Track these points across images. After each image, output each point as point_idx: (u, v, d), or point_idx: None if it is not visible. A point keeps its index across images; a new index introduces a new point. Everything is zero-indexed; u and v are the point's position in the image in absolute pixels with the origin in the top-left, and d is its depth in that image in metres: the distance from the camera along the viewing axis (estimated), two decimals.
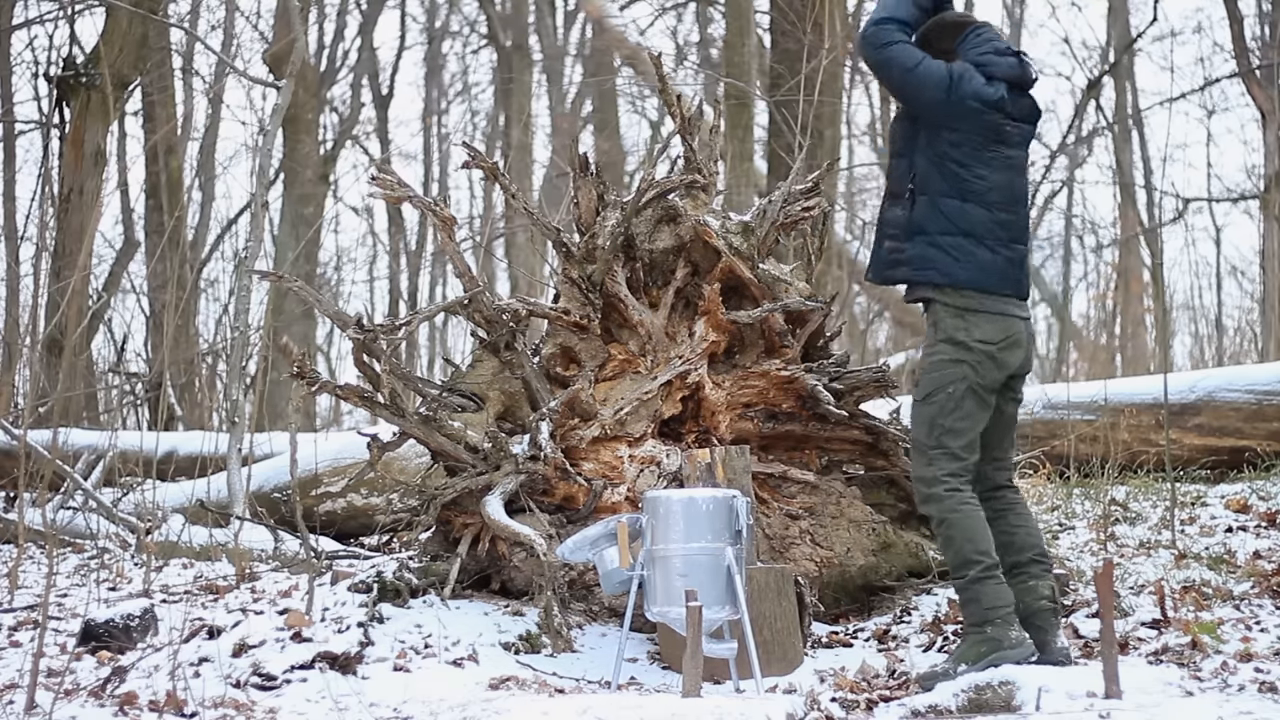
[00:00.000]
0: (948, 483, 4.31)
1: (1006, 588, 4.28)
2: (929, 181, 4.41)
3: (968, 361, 4.33)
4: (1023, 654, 4.14)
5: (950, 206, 4.38)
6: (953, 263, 4.36)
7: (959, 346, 4.35)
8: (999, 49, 4.50)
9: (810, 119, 8.68)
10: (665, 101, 5.52)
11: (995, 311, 4.38)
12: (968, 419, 4.34)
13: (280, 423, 10.83)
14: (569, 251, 5.37)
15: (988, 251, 4.38)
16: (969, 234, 4.38)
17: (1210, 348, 14.36)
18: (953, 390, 4.33)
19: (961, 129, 4.38)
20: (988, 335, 4.36)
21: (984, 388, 4.36)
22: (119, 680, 4.35)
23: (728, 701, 3.83)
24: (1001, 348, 4.37)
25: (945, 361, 4.36)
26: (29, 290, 11.01)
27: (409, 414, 5.12)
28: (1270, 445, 6.78)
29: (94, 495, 7.39)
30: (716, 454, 4.85)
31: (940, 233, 4.38)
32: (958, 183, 4.39)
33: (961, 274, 4.36)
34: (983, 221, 4.39)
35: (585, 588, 5.13)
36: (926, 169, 4.41)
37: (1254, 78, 15.08)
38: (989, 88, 4.39)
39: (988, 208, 4.40)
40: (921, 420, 4.39)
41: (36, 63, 13.76)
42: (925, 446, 4.37)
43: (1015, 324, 4.41)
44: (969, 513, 4.30)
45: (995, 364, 4.37)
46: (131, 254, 14.35)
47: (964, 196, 4.39)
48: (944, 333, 4.38)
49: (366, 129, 21.30)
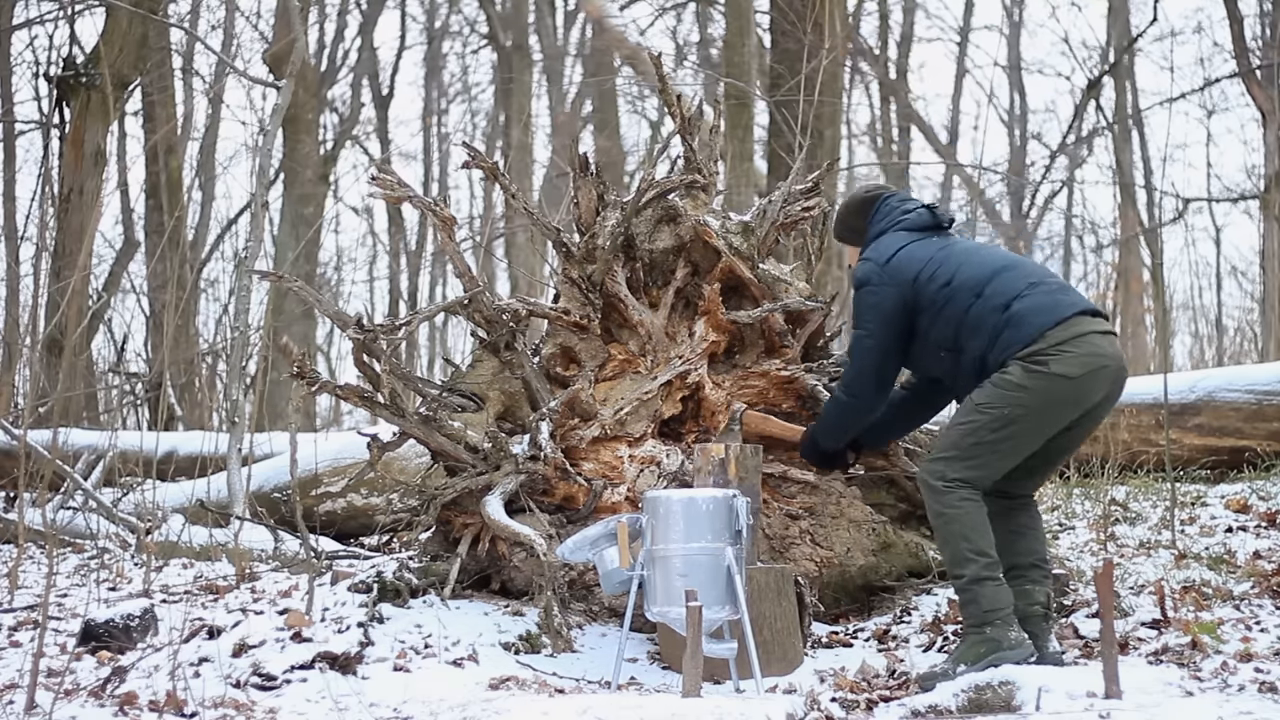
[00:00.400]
0: (954, 481, 4.29)
1: (1006, 589, 4.28)
2: (945, 340, 4.43)
3: (1036, 391, 4.24)
4: (1022, 654, 4.14)
5: (972, 319, 4.36)
6: (1015, 331, 4.30)
7: (1033, 375, 4.25)
8: (905, 209, 4.70)
9: (810, 119, 8.68)
10: (665, 101, 5.52)
11: (1074, 337, 4.28)
12: (1007, 442, 4.28)
13: (280, 423, 10.83)
14: (569, 251, 5.37)
15: (1027, 298, 4.33)
16: (1006, 306, 4.33)
17: (1210, 348, 14.36)
18: (1008, 413, 4.25)
19: (916, 309, 4.47)
20: (1068, 369, 4.25)
21: (1044, 425, 4.28)
22: (119, 680, 4.35)
23: (728, 701, 3.83)
24: (1081, 382, 4.27)
25: (1015, 384, 4.26)
26: (29, 290, 11.02)
27: (409, 414, 5.12)
28: (1270, 445, 6.78)
29: (94, 495, 7.39)
30: (731, 451, 4.85)
31: (992, 334, 4.33)
32: (954, 310, 4.40)
33: (1026, 331, 4.29)
34: (999, 291, 4.37)
35: (585, 588, 5.13)
36: (936, 342, 4.46)
37: (1254, 78, 15.08)
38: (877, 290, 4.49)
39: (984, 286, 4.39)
40: (966, 421, 4.32)
41: (36, 63, 13.78)
42: (953, 445, 4.32)
43: (1101, 355, 4.31)
44: (970, 510, 4.27)
45: (1071, 399, 4.28)
46: (131, 254, 14.35)
47: (971, 300, 4.38)
48: (1023, 360, 4.27)
49: (366, 129, 21.33)
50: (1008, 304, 4.33)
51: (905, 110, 20.62)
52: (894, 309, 4.47)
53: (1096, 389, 4.32)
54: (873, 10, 20.08)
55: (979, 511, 4.28)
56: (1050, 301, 4.34)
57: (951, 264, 4.47)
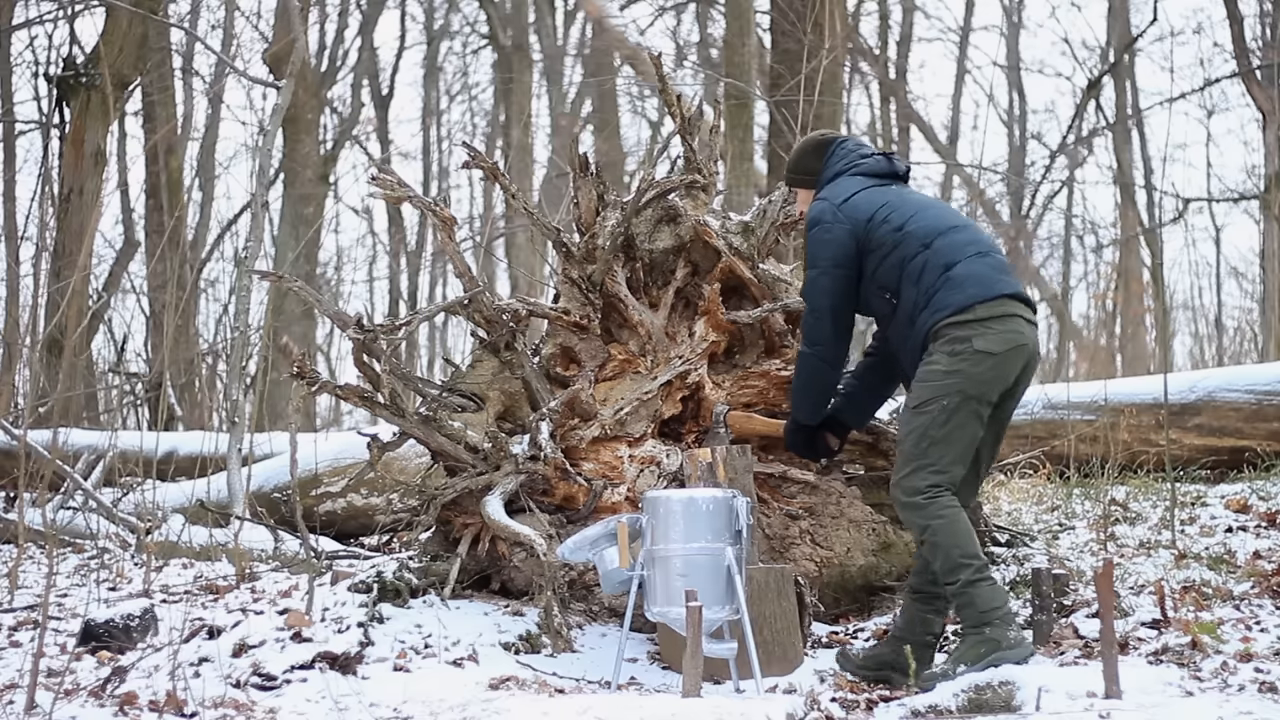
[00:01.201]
0: (928, 492, 4.30)
1: (1000, 588, 4.30)
2: (888, 282, 4.48)
3: (964, 372, 4.30)
4: (1022, 653, 4.14)
5: (913, 267, 4.41)
6: (949, 293, 4.35)
7: (957, 356, 4.31)
8: (863, 153, 4.73)
9: (810, 119, 8.68)
10: (665, 101, 5.52)
11: (1000, 315, 4.34)
12: (959, 430, 4.31)
13: (280, 423, 10.82)
14: (569, 251, 5.37)
15: (970, 264, 4.39)
16: (949, 266, 4.39)
17: (1210, 348, 14.37)
18: (946, 403, 4.30)
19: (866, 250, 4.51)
20: (990, 346, 4.31)
21: (979, 400, 4.32)
22: (119, 680, 4.35)
23: (728, 701, 3.83)
24: (1002, 359, 4.34)
25: (941, 371, 4.32)
26: (29, 290, 11.01)
27: (409, 414, 5.12)
28: (1270, 445, 6.78)
29: (94, 495, 7.39)
30: (718, 453, 4.84)
31: (928, 289, 4.38)
32: (899, 256, 4.45)
33: (958, 297, 4.34)
34: (946, 248, 4.42)
35: (585, 588, 5.13)
36: (880, 284, 4.50)
37: (1254, 78, 15.09)
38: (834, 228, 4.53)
39: (933, 239, 4.43)
40: (911, 429, 4.35)
41: (36, 63, 13.79)
42: (911, 456, 4.34)
43: (1020, 333, 4.38)
44: (953, 517, 4.28)
45: (995, 375, 4.33)
46: (131, 254, 14.36)
47: (918, 249, 4.43)
48: (947, 338, 4.34)
49: (366, 129, 21.32)
50: (950, 264, 4.39)
51: (905, 110, 20.62)
52: (848, 248, 4.51)
53: (1014, 367, 4.38)
54: (873, 10, 20.10)
55: (961, 516, 4.31)
56: (990, 275, 4.40)
57: (906, 210, 4.53)
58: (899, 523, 5.42)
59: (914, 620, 4.47)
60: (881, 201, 4.56)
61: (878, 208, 4.53)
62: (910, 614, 4.50)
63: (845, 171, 4.69)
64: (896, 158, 4.79)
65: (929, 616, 4.48)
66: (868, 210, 4.53)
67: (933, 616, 4.47)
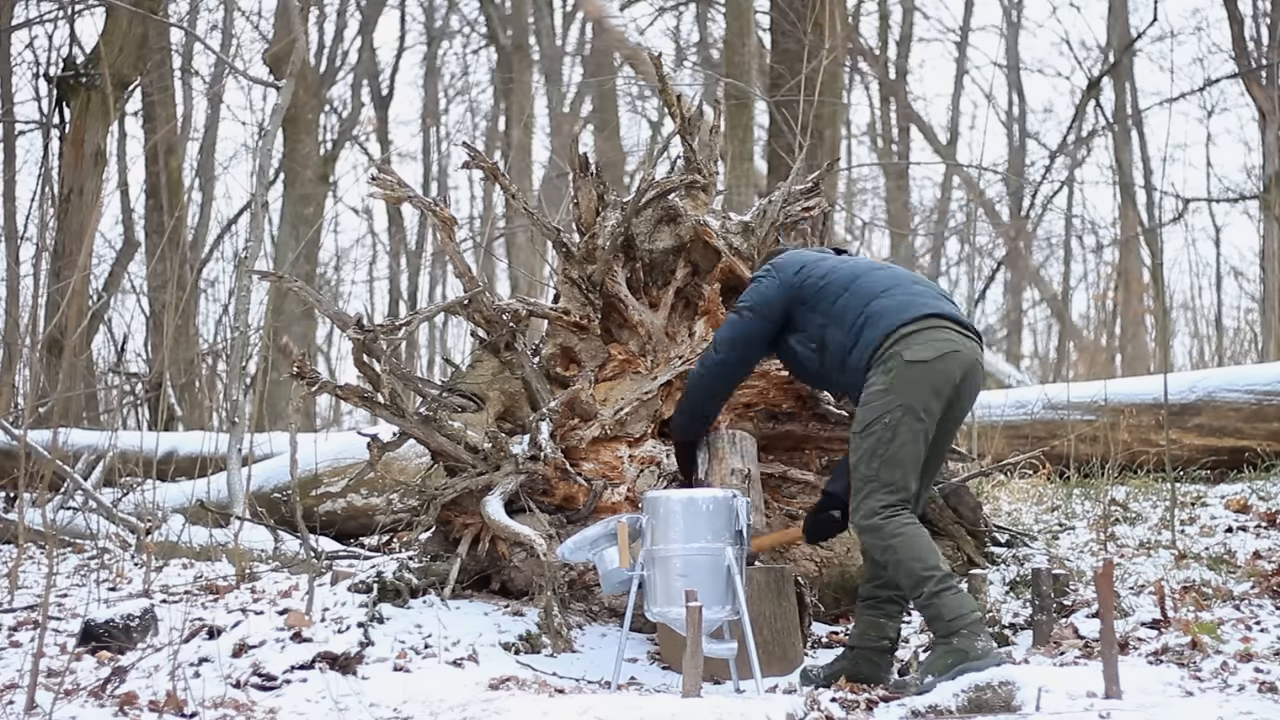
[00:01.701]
0: (883, 512, 4.33)
1: (967, 595, 4.32)
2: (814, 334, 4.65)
3: (899, 387, 4.36)
4: (989, 663, 4.13)
5: (837, 310, 4.59)
6: (872, 329, 4.48)
7: (890, 373, 4.38)
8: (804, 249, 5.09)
9: (810, 119, 8.67)
10: (665, 101, 5.52)
11: (924, 329, 4.44)
12: (904, 448, 4.35)
13: (280, 423, 10.83)
14: (569, 251, 5.36)
15: (888, 297, 4.52)
16: (866, 303, 4.53)
17: (1210, 348, 14.37)
18: (888, 420, 4.35)
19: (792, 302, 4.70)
20: (919, 355, 4.39)
21: (920, 410, 4.37)
22: (119, 680, 4.35)
23: (728, 701, 3.83)
24: (936, 365, 4.39)
25: (879, 391, 4.39)
26: (29, 290, 11.01)
27: (409, 414, 5.12)
28: (1270, 445, 6.78)
29: (94, 495, 7.39)
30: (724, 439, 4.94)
31: (853, 329, 4.52)
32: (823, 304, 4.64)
33: (881, 327, 4.46)
34: (865, 287, 4.59)
35: (585, 588, 5.13)
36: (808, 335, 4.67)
37: (1254, 78, 15.09)
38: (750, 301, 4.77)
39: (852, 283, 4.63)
40: (861, 454, 4.40)
41: (36, 63, 13.78)
42: (865, 479, 4.38)
43: (951, 341, 4.45)
44: (911, 533, 4.32)
45: (930, 384, 4.38)
46: (131, 254, 14.35)
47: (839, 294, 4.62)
48: (879, 362, 4.43)
49: (366, 129, 21.32)
50: (868, 301, 4.54)
51: (905, 110, 20.62)
52: (775, 297, 4.73)
53: (951, 373, 4.42)
54: (873, 10, 20.10)
55: (919, 530, 4.34)
56: (907, 301, 4.51)
57: (831, 264, 4.75)
58: None
59: (867, 627, 4.52)
60: (813, 259, 4.81)
61: (805, 263, 4.78)
62: (863, 622, 4.54)
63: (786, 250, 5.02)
64: (840, 250, 5.03)
65: (881, 621, 4.52)
66: (798, 264, 4.77)
67: (885, 621, 4.52)
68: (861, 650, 4.49)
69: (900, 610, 4.55)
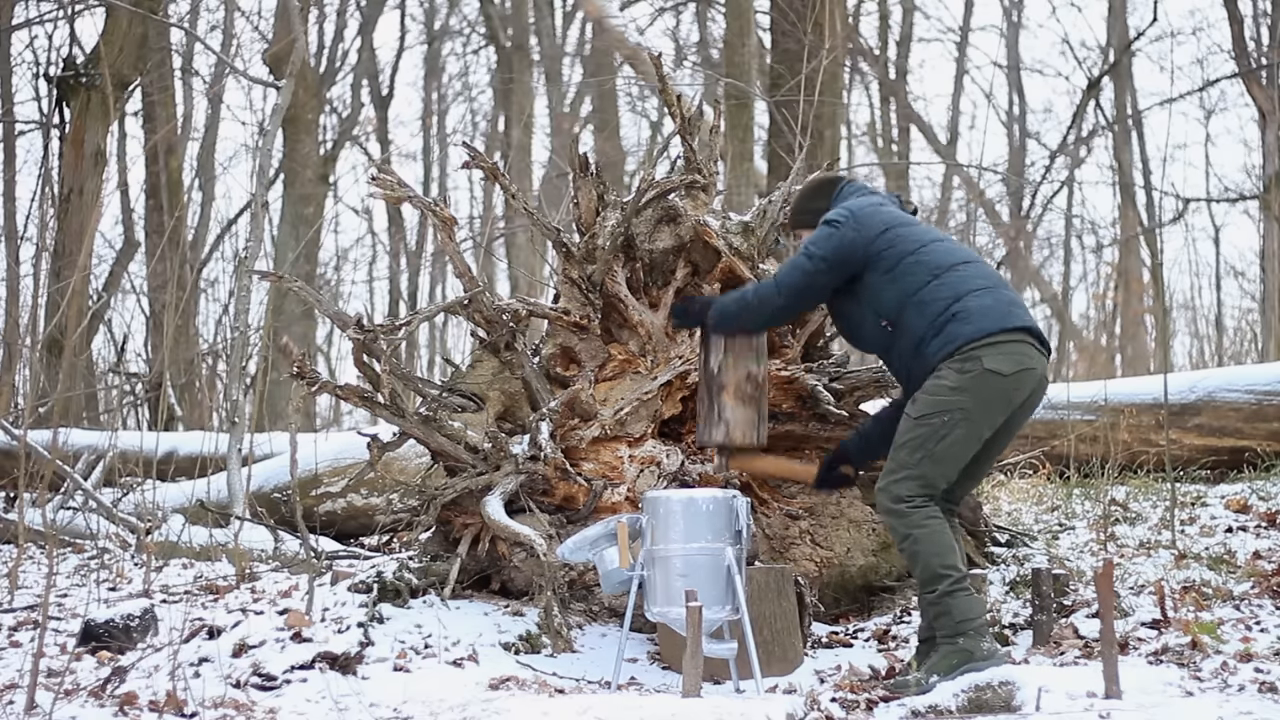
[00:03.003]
0: (912, 500, 4.32)
1: (978, 600, 4.32)
2: (889, 309, 4.44)
3: (971, 391, 4.28)
4: (994, 664, 4.14)
5: (921, 297, 4.38)
6: (961, 325, 4.32)
7: (967, 374, 4.29)
8: (872, 188, 4.76)
9: (810, 119, 8.67)
10: (665, 101, 5.52)
11: (1014, 344, 4.33)
12: (955, 447, 4.32)
13: (280, 423, 10.83)
14: (569, 251, 5.36)
15: (982, 296, 4.36)
16: (958, 297, 4.36)
17: (1210, 348, 14.37)
18: (948, 418, 4.30)
19: (870, 264, 4.46)
20: (1000, 366, 4.30)
21: (981, 421, 4.32)
22: (119, 680, 4.35)
23: (728, 701, 3.83)
24: (1011, 380, 4.31)
25: (949, 388, 4.31)
26: (29, 290, 11.02)
27: (409, 414, 5.12)
28: (1270, 445, 6.78)
29: (94, 495, 7.39)
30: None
31: (937, 320, 4.35)
32: (907, 282, 4.41)
33: (970, 329, 4.31)
34: (956, 280, 4.39)
35: (585, 588, 5.13)
36: (879, 310, 4.46)
37: (1254, 78, 15.09)
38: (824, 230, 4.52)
39: (943, 271, 4.41)
40: (909, 437, 4.36)
41: (36, 63, 13.78)
42: (903, 464, 4.35)
43: (1030, 357, 4.36)
44: (935, 527, 4.30)
45: (1003, 397, 4.32)
46: (131, 254, 14.35)
47: (928, 279, 4.40)
48: (957, 360, 4.32)
49: (366, 129, 21.32)
50: (960, 295, 4.37)
51: (905, 110, 20.62)
52: (850, 250, 4.49)
53: (1024, 388, 4.36)
54: (873, 10, 20.09)
55: (943, 526, 4.33)
56: (1003, 309, 4.37)
57: (921, 238, 4.51)
58: None
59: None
60: (899, 220, 4.55)
61: (893, 224, 4.51)
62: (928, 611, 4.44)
63: (856, 194, 4.71)
64: (905, 200, 4.79)
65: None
66: (882, 224, 4.51)
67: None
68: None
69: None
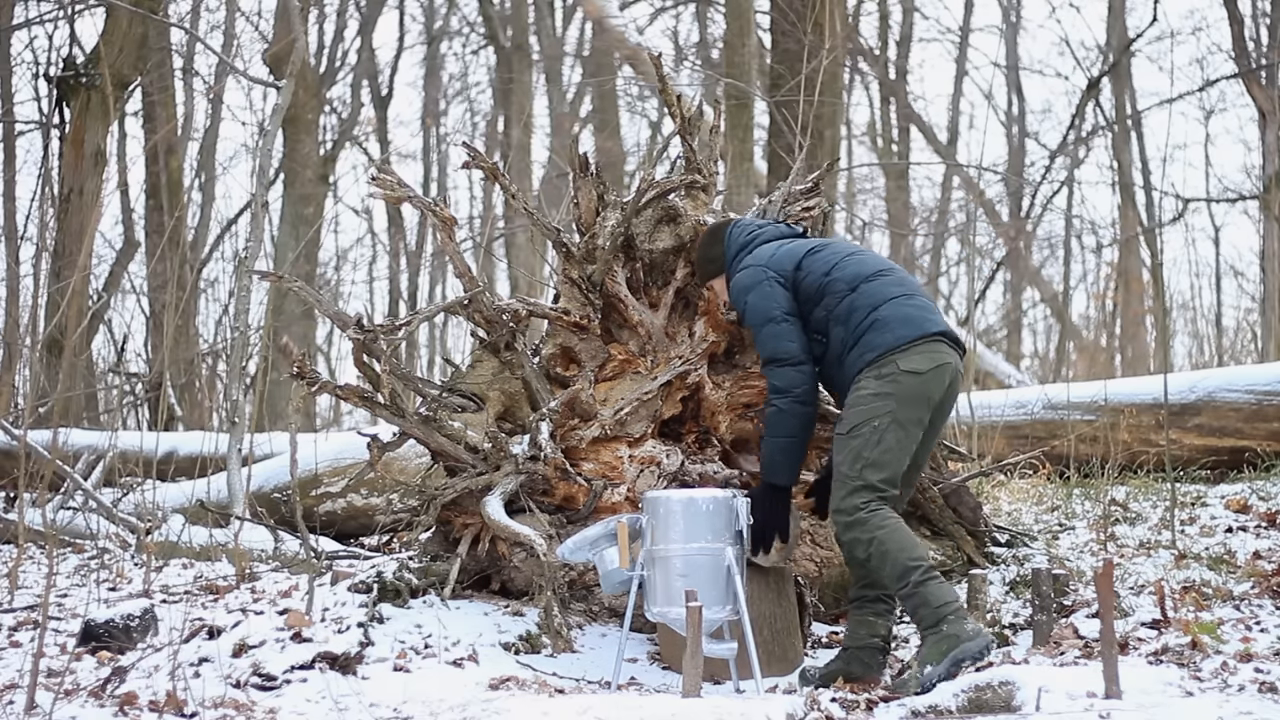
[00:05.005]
0: (865, 507, 4.38)
1: (949, 585, 4.37)
2: (819, 325, 4.63)
3: (893, 394, 4.41)
4: (981, 644, 4.17)
5: (840, 310, 4.56)
6: (878, 334, 4.48)
7: (884, 379, 4.43)
8: (759, 225, 4.93)
9: (810, 119, 8.67)
10: (665, 101, 5.52)
11: (926, 343, 4.49)
12: (890, 452, 4.42)
13: (280, 423, 10.83)
14: (569, 251, 5.36)
15: (897, 305, 4.52)
16: (875, 307, 4.52)
17: (1210, 348, 14.36)
18: (877, 424, 4.41)
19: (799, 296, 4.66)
20: (916, 365, 4.45)
21: (909, 419, 4.44)
22: (119, 680, 4.35)
23: (728, 701, 3.83)
24: (929, 376, 4.46)
25: (870, 395, 4.44)
26: (29, 290, 11.01)
27: (409, 414, 5.12)
28: (1270, 445, 6.78)
29: (94, 495, 7.39)
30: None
31: (856, 330, 4.51)
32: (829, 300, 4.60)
33: (888, 338, 4.47)
34: (871, 291, 4.56)
35: (585, 588, 5.14)
36: (812, 326, 4.65)
37: (1254, 78, 15.09)
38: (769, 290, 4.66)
39: (860, 283, 4.58)
40: (845, 453, 4.45)
41: (36, 63, 13.77)
42: (846, 479, 4.43)
43: (944, 354, 4.51)
44: (894, 526, 4.37)
45: (924, 393, 4.45)
46: (131, 254, 14.34)
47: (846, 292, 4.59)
48: (874, 367, 4.47)
49: (366, 129, 21.32)
50: (877, 305, 4.53)
51: (905, 110, 20.62)
52: (786, 294, 4.66)
53: (939, 384, 4.50)
54: (873, 10, 20.09)
55: (901, 523, 4.40)
56: (918, 315, 4.53)
57: (830, 258, 4.68)
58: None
59: (858, 626, 4.55)
60: (803, 252, 4.72)
61: (801, 257, 4.70)
62: (854, 621, 4.58)
63: (751, 244, 4.86)
64: (792, 223, 4.98)
65: (871, 619, 4.54)
66: (792, 261, 4.69)
67: (875, 619, 4.54)
68: (855, 650, 4.52)
69: (889, 609, 4.57)
